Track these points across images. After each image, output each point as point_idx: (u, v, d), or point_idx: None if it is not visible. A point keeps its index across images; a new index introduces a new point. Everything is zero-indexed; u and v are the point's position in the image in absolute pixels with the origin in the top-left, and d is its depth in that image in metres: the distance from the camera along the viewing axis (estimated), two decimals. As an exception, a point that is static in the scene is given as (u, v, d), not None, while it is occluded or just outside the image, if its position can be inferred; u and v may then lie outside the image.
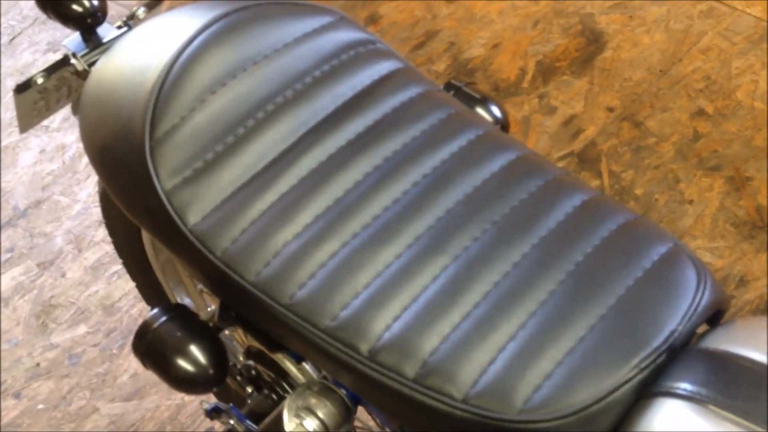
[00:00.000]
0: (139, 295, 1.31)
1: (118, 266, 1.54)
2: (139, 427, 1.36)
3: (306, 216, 0.68)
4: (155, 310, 0.76)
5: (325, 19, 0.79)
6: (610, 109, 1.75)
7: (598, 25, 1.90)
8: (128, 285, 1.52)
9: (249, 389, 1.01)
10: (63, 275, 1.55)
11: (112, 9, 2.08)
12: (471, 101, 0.86)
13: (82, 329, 1.47)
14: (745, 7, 1.90)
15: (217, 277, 0.68)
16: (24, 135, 1.79)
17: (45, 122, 1.82)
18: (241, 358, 1.02)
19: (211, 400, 1.27)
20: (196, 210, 0.68)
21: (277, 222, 0.68)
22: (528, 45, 1.90)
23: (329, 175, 0.70)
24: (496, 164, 0.72)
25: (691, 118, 1.70)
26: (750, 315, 1.42)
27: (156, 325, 0.74)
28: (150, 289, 1.17)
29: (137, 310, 1.50)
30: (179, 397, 1.38)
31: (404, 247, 0.66)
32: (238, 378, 1.02)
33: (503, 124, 0.86)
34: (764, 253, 1.50)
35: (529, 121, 1.77)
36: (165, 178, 0.69)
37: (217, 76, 0.73)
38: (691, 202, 1.58)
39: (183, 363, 0.73)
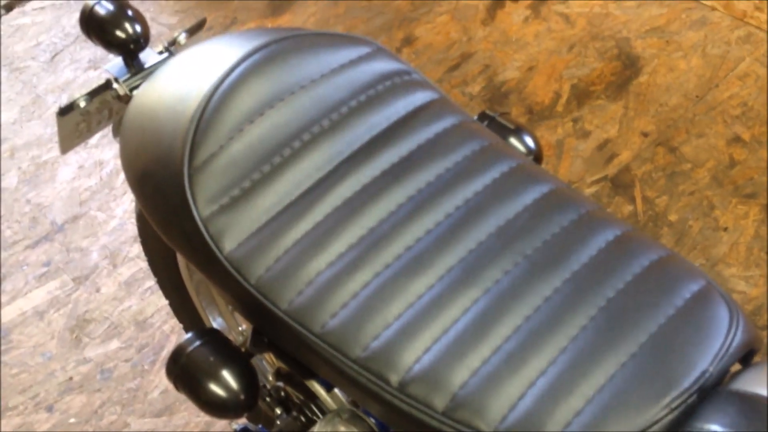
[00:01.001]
0: (171, 312, 1.32)
1: (152, 282, 1.57)
2: (169, 443, 1.37)
3: (339, 245, 0.69)
4: (189, 335, 0.77)
5: (361, 50, 0.80)
6: (645, 134, 1.74)
7: (634, 50, 1.90)
8: (161, 301, 1.54)
9: (278, 410, 1.02)
10: (98, 290, 1.58)
11: (153, 29, 2.12)
12: (504, 131, 0.87)
13: (114, 344, 1.50)
14: (783, 33, 1.88)
15: (251, 304, 0.68)
16: (64, 151, 1.83)
17: (85, 139, 1.86)
18: (271, 379, 1.03)
19: (240, 420, 1.28)
20: (231, 237, 0.69)
21: (311, 251, 0.69)
22: (563, 68, 1.90)
23: (363, 205, 0.71)
24: (528, 197, 0.72)
25: (727, 145, 1.69)
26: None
27: (190, 349, 0.75)
28: (182, 308, 1.18)
29: (169, 326, 1.52)
30: (209, 414, 1.39)
31: (436, 278, 0.67)
32: (268, 399, 1.03)
33: (536, 155, 0.86)
34: (801, 284, 1.47)
35: (563, 144, 1.77)
36: (202, 205, 0.70)
37: (255, 105, 0.74)
38: (726, 229, 1.56)
39: (215, 388, 0.74)
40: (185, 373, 0.75)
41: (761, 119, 1.72)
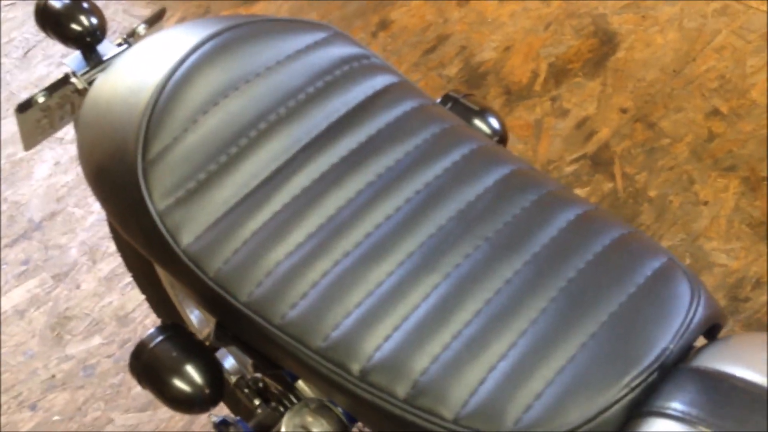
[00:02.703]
0: (151, 307, 1.31)
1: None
2: (153, 437, 1.37)
3: (298, 235, 0.68)
4: (152, 330, 0.76)
5: (318, 35, 0.79)
6: (624, 111, 1.73)
7: (610, 26, 1.88)
8: (141, 296, 1.53)
9: (257, 402, 1.02)
10: (78, 287, 1.57)
11: (125, 21, 2.10)
12: (469, 113, 0.86)
13: (96, 340, 1.49)
14: (759, 5, 1.87)
15: (211, 297, 0.68)
16: (39, 148, 1.81)
17: (59, 134, 1.84)
18: (250, 370, 1.02)
19: (223, 412, 1.27)
20: (189, 230, 0.68)
21: (269, 241, 0.68)
22: (540, 47, 1.89)
23: (322, 194, 0.70)
24: (489, 179, 0.71)
25: (705, 119, 1.68)
26: (748, 330, 1.40)
27: (152, 345, 0.74)
28: (159, 302, 1.18)
29: (151, 320, 1.51)
30: (192, 407, 1.38)
31: (396, 265, 0.66)
32: (246, 391, 1.02)
33: (501, 136, 0.85)
34: (781, 255, 1.47)
35: (541, 124, 1.76)
36: (158, 199, 0.69)
37: (209, 95, 0.73)
38: (706, 203, 1.56)
39: (179, 383, 0.73)
40: (148, 369, 0.74)
41: (739, 91, 1.71)
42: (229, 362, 1.15)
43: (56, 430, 1.38)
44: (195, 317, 1.17)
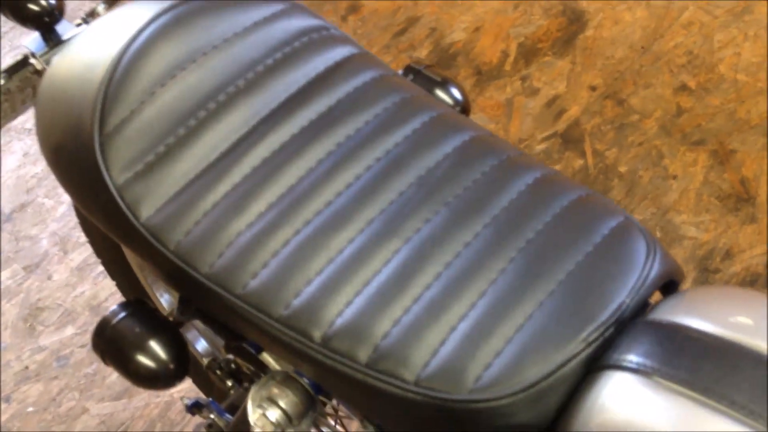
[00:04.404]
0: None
1: (104, 266, 1.55)
2: (129, 426, 1.36)
3: (259, 205, 0.68)
4: (114, 307, 0.76)
5: (276, 7, 0.79)
6: (593, 88, 1.74)
7: (579, 5, 1.89)
8: (114, 285, 1.52)
9: (229, 383, 1.01)
10: (49, 277, 1.55)
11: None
12: (431, 84, 0.86)
13: (69, 331, 1.48)
14: (726, -20, 1.88)
15: (172, 271, 0.67)
16: (7, 139, 1.79)
17: (27, 125, 1.82)
18: (223, 351, 1.02)
19: (199, 395, 1.27)
20: (148, 204, 0.68)
21: (231, 212, 0.67)
22: (509, 27, 1.89)
23: (283, 163, 0.70)
24: (449, 146, 0.71)
25: (674, 94, 1.69)
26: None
27: (114, 321, 0.74)
28: (129, 287, 1.17)
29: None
30: (167, 394, 1.38)
31: (356, 232, 0.66)
32: (219, 372, 1.02)
33: (464, 106, 0.86)
34: (749, 225, 1.49)
35: (512, 103, 1.76)
36: (117, 173, 0.69)
37: (166, 68, 0.72)
38: (675, 177, 1.57)
39: (143, 359, 0.72)
40: (111, 345, 0.74)
41: (707, 66, 1.73)
42: (201, 345, 1.15)
43: (31, 422, 1.37)
44: (165, 301, 1.16)
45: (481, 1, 1.95)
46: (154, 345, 0.73)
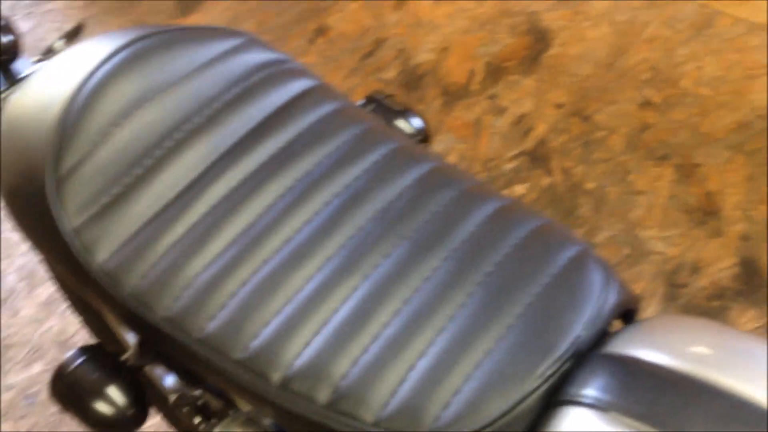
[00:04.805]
0: (91, 328, 1.29)
1: (73, 299, 1.52)
2: (100, 460, 1.34)
3: (217, 245, 0.67)
4: (71, 353, 0.74)
5: (232, 42, 0.79)
6: (559, 106, 1.75)
7: (543, 23, 1.91)
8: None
9: (196, 420, 1.00)
10: (16, 314, 1.53)
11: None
12: (391, 114, 0.86)
13: (37, 368, 1.45)
14: (687, -5, 1.91)
15: (129, 315, 0.67)
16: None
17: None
18: (190, 388, 1.01)
19: (170, 430, 1.25)
20: (104, 247, 0.67)
21: (188, 253, 0.67)
22: (476, 47, 1.90)
23: (241, 202, 0.70)
24: (409, 178, 0.71)
25: (638, 109, 1.71)
26: (675, 310, 1.43)
27: (71, 367, 0.73)
28: (95, 324, 1.15)
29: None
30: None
31: (315, 269, 0.66)
32: (186, 409, 1.01)
33: (424, 135, 0.86)
34: (716, 239, 1.50)
35: (480, 122, 1.77)
36: (72, 216, 0.68)
37: (121, 107, 0.72)
38: (642, 192, 1.59)
39: (101, 405, 0.71)
40: (69, 392, 0.73)
41: (670, 81, 1.75)
42: (168, 380, 1.13)
43: (-1, 460, 1.35)
44: (132, 338, 1.15)
45: (447, 22, 1.96)
46: (112, 391, 0.72)
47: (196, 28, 0.79)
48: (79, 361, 0.73)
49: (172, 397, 1.03)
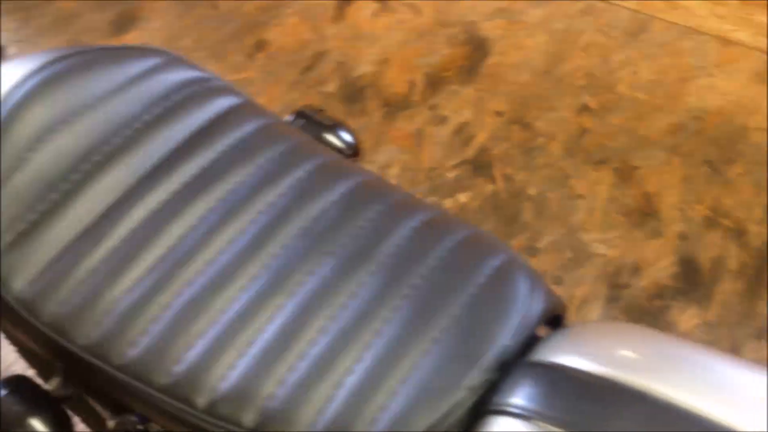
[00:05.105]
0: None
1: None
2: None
3: (138, 269, 0.66)
4: (-7, 384, 0.72)
5: (152, 61, 0.77)
6: (499, 114, 1.77)
7: (481, 33, 1.93)
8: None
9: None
10: (-50, 344, 1.48)
11: (-12, 60, 2.01)
12: (320, 129, 0.85)
13: (-27, 399, 1.40)
14: (621, 2, 1.95)
15: (49, 344, 0.65)
16: None
17: None
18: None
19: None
20: (21, 275, 0.65)
21: (108, 279, 0.65)
22: (415, 58, 1.91)
23: (163, 223, 0.68)
24: (335, 193, 0.71)
25: (576, 115, 1.73)
26: (608, 318, 1.45)
27: (-7, 400, 0.70)
28: (32, 355, 1.12)
29: (31, 373, 1.43)
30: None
31: (240, 290, 0.65)
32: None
33: (354, 149, 0.85)
34: (655, 240, 1.53)
35: (421, 133, 1.78)
36: None
37: (36, 131, 0.70)
38: (582, 197, 1.61)
39: None
40: None
41: (606, 87, 1.78)
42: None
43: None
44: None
45: (386, 34, 1.96)
46: (35, 423, 0.69)
47: (114, 48, 0.77)
48: (2, 393, 0.71)
49: (111, 424, 1.00)
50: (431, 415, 0.56)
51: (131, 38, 2.07)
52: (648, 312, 1.45)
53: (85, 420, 1.15)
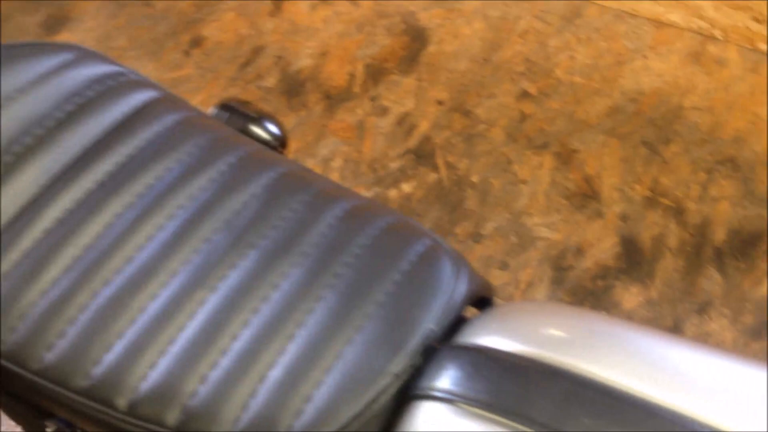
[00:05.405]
0: None
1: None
2: None
3: (54, 271, 0.64)
4: None
5: (64, 57, 0.75)
6: (440, 103, 1.77)
7: (419, 22, 1.92)
8: None
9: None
10: None
11: None
12: (246, 120, 0.84)
13: None
14: (556, -13, 1.96)
15: None
16: None
17: None
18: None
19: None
20: None
21: (22, 282, 0.63)
22: (355, 49, 1.90)
23: (79, 223, 0.66)
24: (257, 185, 0.69)
25: (516, 101, 1.74)
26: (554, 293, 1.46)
27: None
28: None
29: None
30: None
31: (160, 287, 0.63)
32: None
33: (282, 141, 0.84)
34: (596, 221, 1.55)
35: (363, 124, 1.77)
36: None
37: None
38: (524, 182, 1.62)
39: None
40: None
41: (544, 72, 1.79)
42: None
43: None
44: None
45: (324, 26, 1.95)
46: None
47: (21, 45, 0.75)
48: None
49: (50, 429, 0.97)
50: (357, 403, 0.56)
51: (62, 39, 2.01)
52: (592, 293, 1.47)
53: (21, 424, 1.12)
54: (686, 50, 1.82)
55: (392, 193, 1.64)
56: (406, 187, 1.65)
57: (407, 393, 0.56)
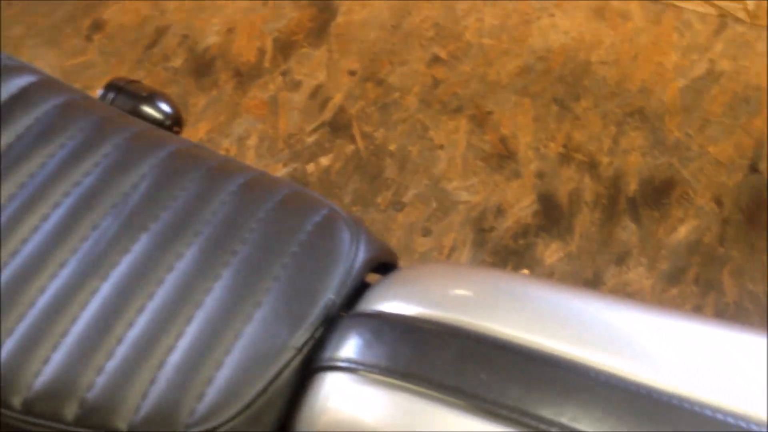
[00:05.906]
0: None
1: None
2: None
3: (-69, 271, 0.60)
4: None
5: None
6: (352, 73, 1.75)
7: (326, -8, 1.89)
8: None
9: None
10: None
11: None
12: (136, 100, 0.80)
13: None
14: (461, -50, 1.96)
15: None
16: None
17: None
18: None
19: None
20: None
21: None
22: (262, 24, 1.86)
23: (-44, 220, 0.62)
24: (146, 165, 0.67)
25: (428, 67, 1.74)
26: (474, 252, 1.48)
27: None
28: None
29: None
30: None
31: (48, 278, 0.60)
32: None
33: (175, 119, 0.81)
34: (514, 180, 1.56)
35: (276, 100, 1.73)
36: None
37: None
38: (441, 147, 1.62)
39: None
40: None
41: (454, 36, 1.79)
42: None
43: None
44: None
45: (229, 2, 1.90)
46: None
47: None
48: None
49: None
50: (259, 381, 0.54)
51: (-47, 31, 1.91)
52: (515, 252, 1.49)
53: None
54: (591, 6, 1.84)
55: (311, 168, 1.62)
56: (324, 161, 1.63)
57: (310, 365, 0.55)
